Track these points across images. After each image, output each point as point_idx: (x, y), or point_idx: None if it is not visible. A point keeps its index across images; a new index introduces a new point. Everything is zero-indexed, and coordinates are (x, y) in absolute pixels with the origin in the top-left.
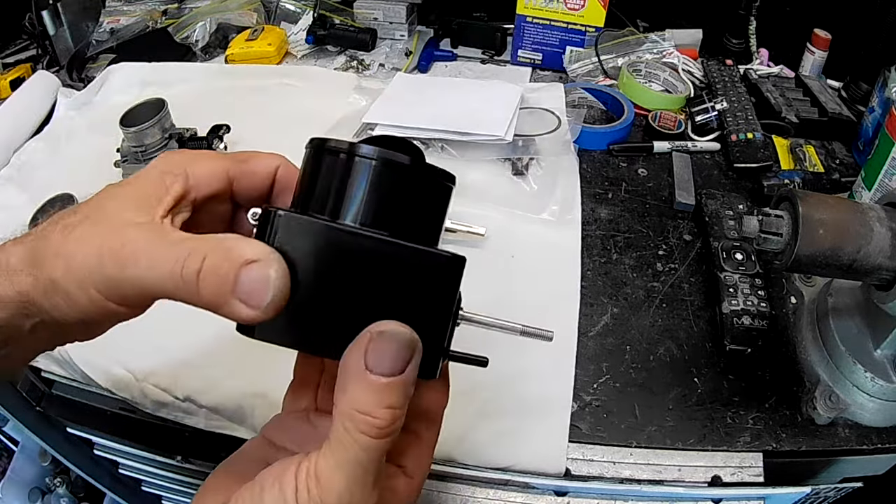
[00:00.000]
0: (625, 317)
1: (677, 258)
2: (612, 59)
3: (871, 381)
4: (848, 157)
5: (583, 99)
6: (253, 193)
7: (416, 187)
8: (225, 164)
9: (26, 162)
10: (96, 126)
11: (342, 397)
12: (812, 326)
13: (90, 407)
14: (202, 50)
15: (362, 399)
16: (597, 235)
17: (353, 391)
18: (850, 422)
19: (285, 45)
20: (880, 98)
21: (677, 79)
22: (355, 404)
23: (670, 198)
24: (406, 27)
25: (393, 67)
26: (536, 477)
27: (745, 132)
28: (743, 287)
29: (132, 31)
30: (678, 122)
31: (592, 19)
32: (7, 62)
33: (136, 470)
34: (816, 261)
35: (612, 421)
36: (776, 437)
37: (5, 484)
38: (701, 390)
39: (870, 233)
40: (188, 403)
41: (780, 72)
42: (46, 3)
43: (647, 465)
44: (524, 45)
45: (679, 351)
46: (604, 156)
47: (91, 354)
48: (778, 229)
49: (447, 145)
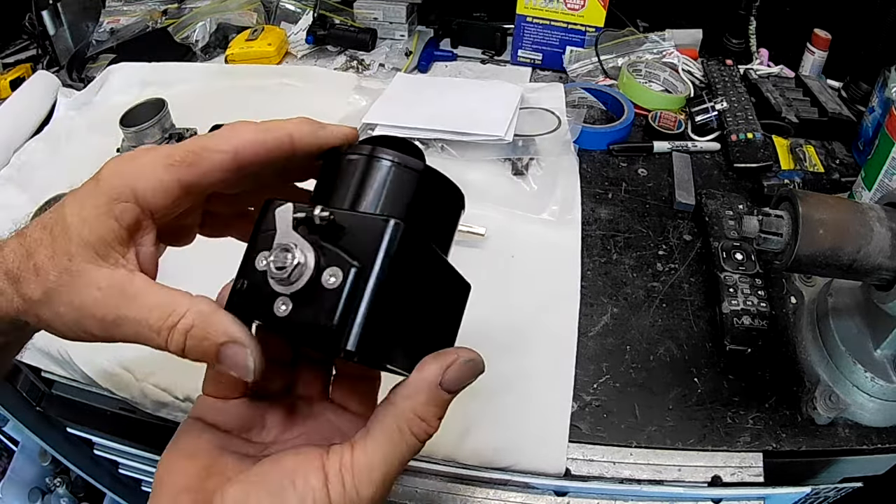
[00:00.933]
0: (625, 317)
1: (677, 258)
2: (612, 59)
3: (871, 381)
4: (848, 157)
5: (583, 99)
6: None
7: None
8: (177, 175)
9: (26, 162)
10: (96, 126)
11: (407, 402)
12: (812, 326)
13: (90, 407)
14: (202, 50)
15: (427, 408)
16: (597, 235)
17: (421, 399)
18: (850, 422)
19: (285, 45)
20: (880, 98)
21: (677, 79)
22: (419, 411)
23: (670, 198)
24: (406, 27)
25: (393, 67)
26: (536, 477)
27: (745, 132)
28: (743, 287)
29: (132, 31)
30: (678, 122)
31: (592, 19)
32: (7, 62)
33: (136, 470)
34: (816, 261)
35: (612, 421)
36: (776, 437)
37: (5, 484)
38: (701, 390)
39: (870, 233)
40: (188, 403)
41: (780, 72)
42: (46, 3)
43: (647, 465)
44: (524, 45)
45: (679, 351)
46: (604, 156)
47: (91, 354)
48: (778, 229)
49: (447, 145)
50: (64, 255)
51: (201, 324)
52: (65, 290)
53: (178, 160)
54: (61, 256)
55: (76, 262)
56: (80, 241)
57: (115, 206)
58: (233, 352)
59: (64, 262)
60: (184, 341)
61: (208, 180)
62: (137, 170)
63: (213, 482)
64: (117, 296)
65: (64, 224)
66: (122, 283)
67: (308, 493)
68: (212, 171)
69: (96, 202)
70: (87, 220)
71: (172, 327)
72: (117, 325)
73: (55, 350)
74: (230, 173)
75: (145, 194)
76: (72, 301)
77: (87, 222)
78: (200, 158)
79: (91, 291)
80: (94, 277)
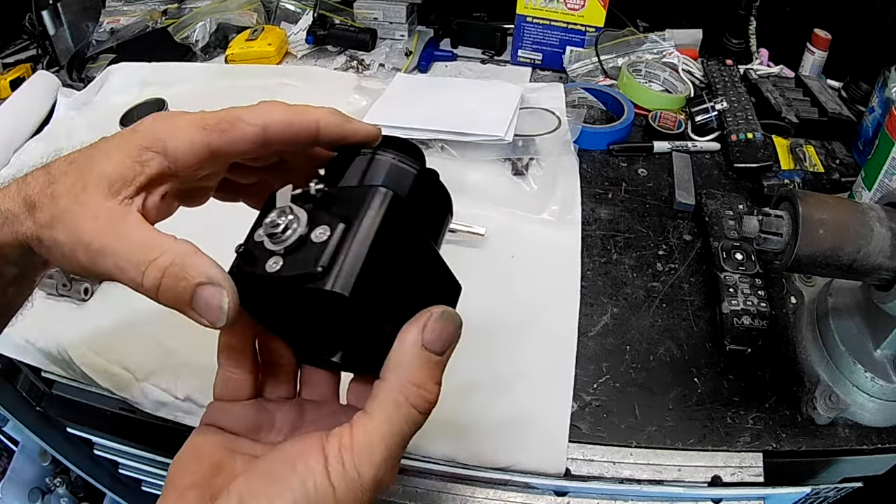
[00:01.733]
0: (625, 317)
1: (677, 258)
2: (612, 59)
3: (871, 381)
4: (848, 157)
5: (583, 99)
6: (240, 156)
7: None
8: (207, 139)
9: (26, 162)
10: (96, 126)
11: (397, 372)
12: (812, 326)
13: (90, 407)
14: (202, 50)
15: (418, 373)
16: (597, 235)
17: (411, 365)
18: (850, 422)
19: (285, 45)
20: (880, 98)
21: (677, 79)
22: (412, 377)
23: (670, 198)
24: (406, 27)
25: (393, 67)
26: (536, 477)
27: (745, 132)
28: (743, 287)
29: (132, 31)
30: (678, 122)
31: (592, 19)
32: (7, 62)
33: (136, 470)
34: (816, 261)
35: (612, 421)
36: (776, 437)
37: (5, 484)
38: (701, 390)
39: (870, 233)
40: (188, 403)
41: (780, 72)
42: (46, 3)
43: (647, 465)
44: (524, 45)
45: (679, 351)
46: (604, 156)
47: (91, 354)
48: (778, 229)
49: (447, 145)
50: (80, 184)
51: (180, 262)
52: (69, 217)
53: (212, 125)
54: (77, 185)
55: (88, 191)
56: (100, 173)
57: (144, 153)
58: (208, 293)
59: (77, 191)
60: (160, 278)
61: (236, 149)
62: (173, 127)
63: (221, 480)
64: (108, 227)
65: (90, 158)
66: (116, 216)
67: (309, 476)
68: (240, 141)
69: (128, 145)
70: (112, 157)
71: (151, 262)
72: (101, 254)
73: (55, 350)
74: (257, 146)
75: (175, 150)
76: (71, 228)
77: (112, 160)
78: (233, 127)
79: (88, 220)
80: (96, 208)
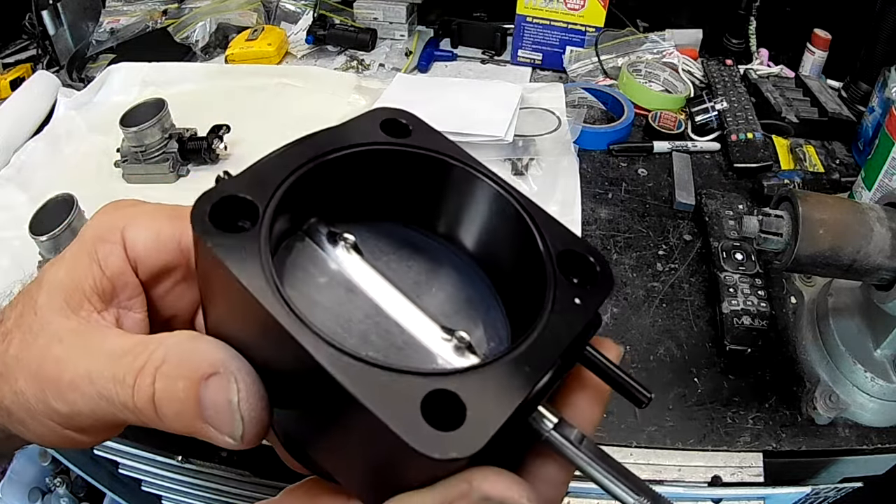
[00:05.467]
0: (625, 317)
1: (677, 258)
2: (612, 59)
3: (871, 381)
4: (848, 157)
5: (583, 99)
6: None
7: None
8: (175, 229)
9: (26, 162)
10: (96, 126)
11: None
12: (812, 326)
13: None
14: (202, 50)
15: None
16: (597, 235)
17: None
18: (850, 422)
19: (285, 45)
20: (880, 98)
21: (677, 79)
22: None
23: (670, 198)
24: (406, 27)
25: (393, 67)
26: None
27: (745, 132)
28: (743, 287)
29: (132, 31)
30: (678, 122)
31: (592, 19)
32: (7, 62)
33: (136, 470)
34: (816, 261)
35: (612, 421)
36: (776, 437)
37: (5, 484)
38: (701, 390)
39: (870, 233)
40: None
41: (780, 72)
42: (46, 3)
43: (647, 465)
44: (524, 45)
45: (679, 351)
46: (604, 156)
47: None
48: (778, 229)
49: None
50: (31, 311)
51: (175, 355)
52: (24, 356)
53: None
54: (27, 312)
55: (41, 314)
56: (51, 287)
57: (99, 246)
58: (214, 386)
59: (28, 320)
60: (152, 385)
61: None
62: (133, 213)
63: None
64: (76, 347)
65: (40, 278)
66: (84, 332)
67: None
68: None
69: (77, 245)
70: (63, 263)
71: (140, 371)
72: (75, 387)
73: None
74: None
75: (134, 237)
76: (31, 367)
77: (64, 264)
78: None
79: (52, 349)
80: (56, 330)
